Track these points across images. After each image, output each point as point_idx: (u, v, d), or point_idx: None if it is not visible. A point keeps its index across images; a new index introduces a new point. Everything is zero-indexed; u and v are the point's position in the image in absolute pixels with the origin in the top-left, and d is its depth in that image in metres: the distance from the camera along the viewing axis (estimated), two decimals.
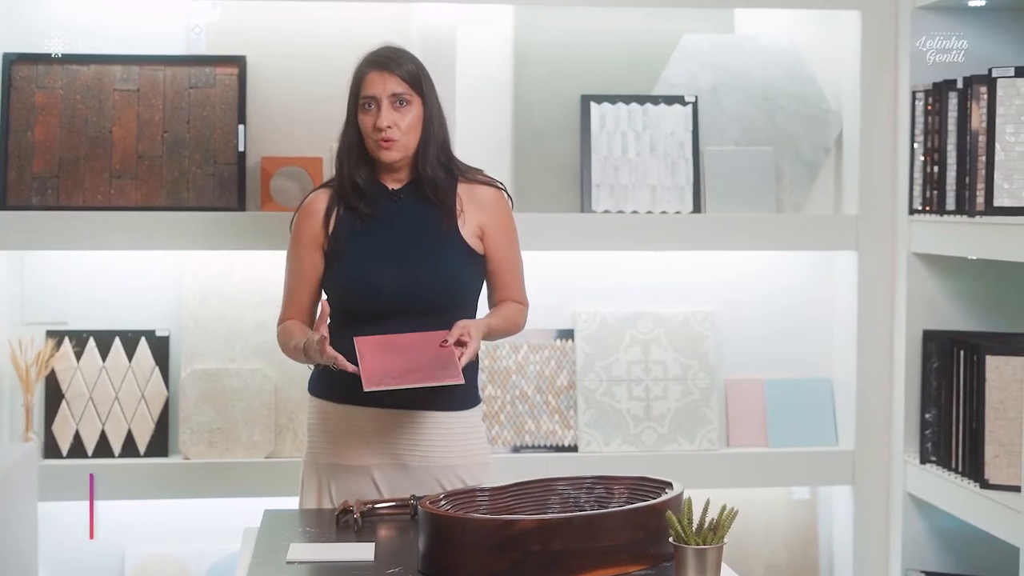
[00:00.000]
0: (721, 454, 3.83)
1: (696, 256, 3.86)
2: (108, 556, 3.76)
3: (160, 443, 3.69)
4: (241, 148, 3.64)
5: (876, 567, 3.81)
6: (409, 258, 2.82)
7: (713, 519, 2.21)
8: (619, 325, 3.85)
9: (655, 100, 3.81)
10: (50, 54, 3.61)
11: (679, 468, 3.75)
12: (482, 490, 2.55)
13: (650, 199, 3.79)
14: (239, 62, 3.67)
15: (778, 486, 3.90)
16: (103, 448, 3.66)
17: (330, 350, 2.67)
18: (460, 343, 2.72)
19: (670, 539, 2.21)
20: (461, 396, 2.86)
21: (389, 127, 2.80)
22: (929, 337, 3.67)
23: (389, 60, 2.84)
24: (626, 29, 3.84)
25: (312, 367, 2.91)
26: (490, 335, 2.88)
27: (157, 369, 3.69)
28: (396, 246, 2.83)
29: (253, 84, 3.69)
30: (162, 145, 3.63)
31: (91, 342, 3.68)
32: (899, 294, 3.75)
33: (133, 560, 3.74)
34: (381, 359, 2.68)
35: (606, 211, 3.77)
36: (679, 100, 3.82)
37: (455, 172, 2.91)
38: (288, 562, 2.44)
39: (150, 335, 3.70)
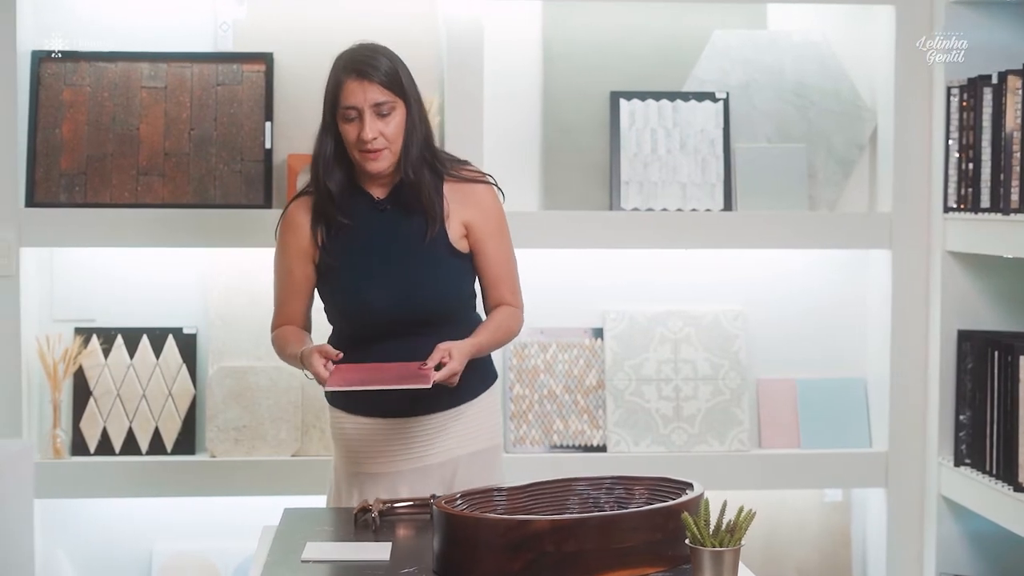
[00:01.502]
0: (752, 455, 3.78)
1: (727, 254, 3.82)
2: (135, 553, 3.77)
3: (187, 441, 3.68)
4: (268, 145, 3.63)
5: (909, 571, 3.75)
6: (400, 275, 2.74)
7: (730, 521, 2.17)
8: (649, 324, 3.81)
9: (686, 96, 3.77)
10: (78, 52, 3.61)
11: (709, 469, 3.71)
12: (499, 490, 2.52)
13: (680, 197, 3.75)
14: (266, 59, 3.66)
15: (810, 488, 3.85)
16: (130, 445, 3.66)
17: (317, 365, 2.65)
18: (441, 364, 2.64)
19: (686, 541, 2.17)
20: (473, 384, 2.82)
21: (375, 139, 2.69)
22: (964, 337, 3.61)
23: (367, 67, 2.69)
24: (656, 25, 3.79)
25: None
26: (480, 352, 2.76)
27: (184, 367, 3.69)
28: (386, 261, 2.75)
29: (280, 81, 3.68)
30: (189, 142, 3.63)
31: (119, 339, 3.68)
32: (933, 293, 3.69)
33: (160, 558, 3.74)
34: (354, 373, 2.66)
35: (635, 209, 3.73)
36: (710, 97, 3.77)
37: (440, 170, 2.80)
38: (303, 561, 2.43)
39: (177, 333, 3.70)
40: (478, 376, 2.85)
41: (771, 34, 3.83)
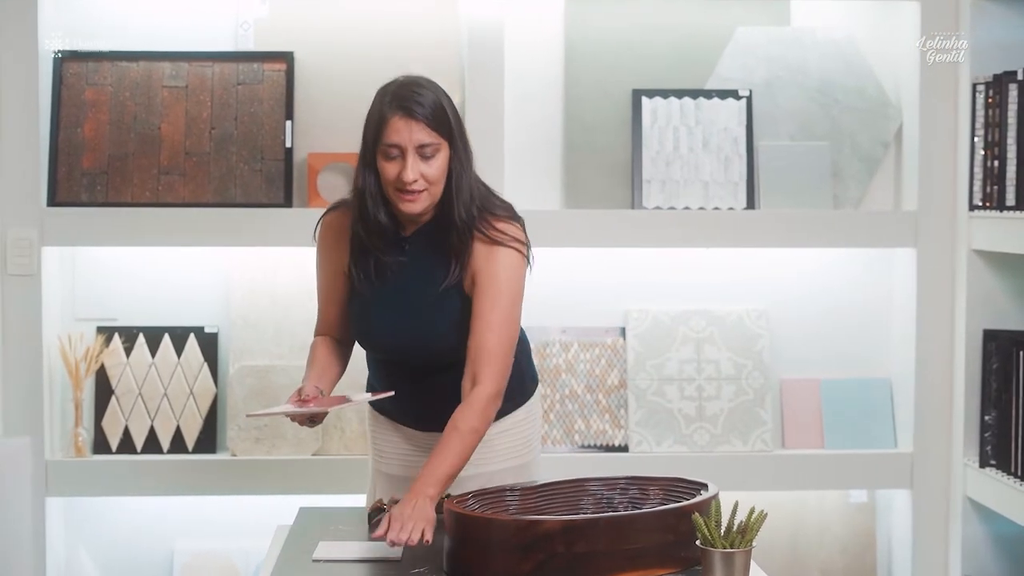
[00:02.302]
0: (775, 455, 3.75)
1: (750, 253, 3.79)
2: (157, 552, 3.77)
3: (208, 439, 3.69)
4: (288, 144, 3.63)
5: (935, 573, 3.70)
6: (411, 320, 2.64)
7: (742, 522, 2.15)
8: (671, 323, 3.78)
9: (708, 94, 3.74)
10: (100, 51, 3.62)
11: (732, 470, 3.68)
12: (512, 490, 2.51)
13: (703, 195, 3.72)
14: (287, 58, 3.66)
15: (834, 489, 3.81)
16: (152, 444, 3.67)
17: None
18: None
19: (697, 542, 2.15)
20: (506, 405, 2.71)
21: (415, 180, 2.55)
22: (989, 337, 3.56)
23: (414, 103, 2.55)
24: (679, 22, 3.77)
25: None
26: (450, 479, 2.50)
27: (206, 365, 3.69)
28: (399, 305, 2.65)
29: (301, 80, 3.68)
30: (210, 141, 3.63)
31: (140, 338, 3.69)
32: (959, 292, 3.65)
33: (181, 557, 3.75)
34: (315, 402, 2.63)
35: (657, 207, 3.71)
36: (733, 94, 3.74)
37: (473, 222, 2.60)
38: (315, 560, 2.42)
39: (199, 331, 3.70)
40: (511, 391, 2.73)
41: (795, 31, 3.80)
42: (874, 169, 3.81)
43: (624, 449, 3.75)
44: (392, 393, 2.69)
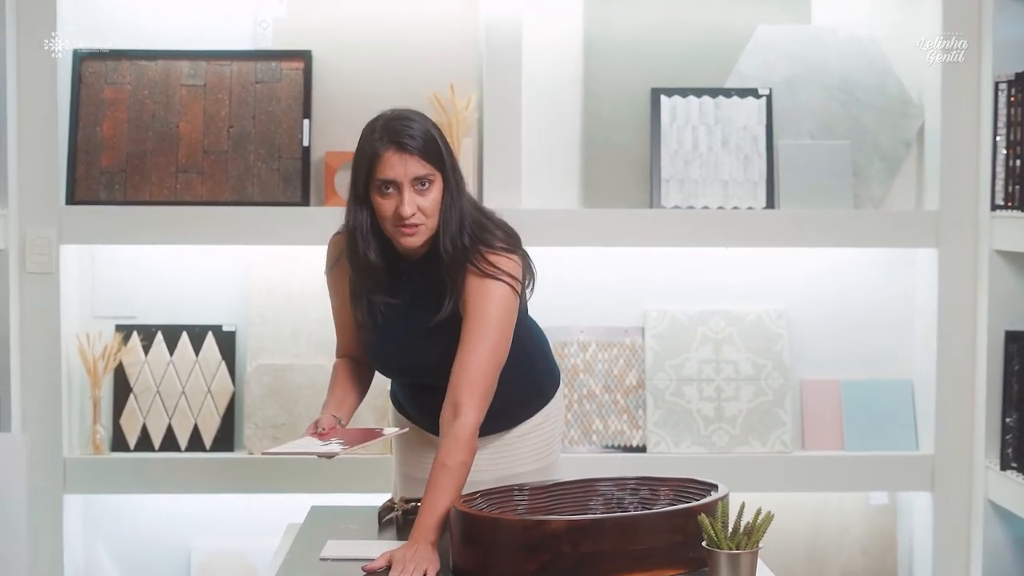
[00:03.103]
0: (795, 457, 3.72)
1: (770, 253, 3.76)
2: (174, 549, 3.78)
3: (226, 437, 3.69)
4: (306, 143, 3.63)
5: None
6: (411, 351, 2.64)
7: (748, 523, 2.13)
8: (690, 323, 3.76)
9: (728, 93, 3.71)
10: (119, 50, 3.63)
11: (750, 471, 3.66)
12: (521, 489, 2.50)
13: (722, 194, 3.70)
14: (305, 57, 3.65)
15: (853, 491, 3.78)
16: (169, 442, 3.68)
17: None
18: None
19: (703, 543, 2.13)
20: (524, 409, 2.74)
21: (413, 214, 2.52)
22: (1011, 338, 3.52)
23: (405, 136, 2.51)
24: (698, 20, 3.75)
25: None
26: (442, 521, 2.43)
27: (223, 364, 3.70)
28: (398, 337, 2.64)
29: (319, 79, 3.68)
30: (228, 140, 3.63)
31: (159, 336, 3.70)
32: (981, 293, 3.61)
33: (199, 555, 3.75)
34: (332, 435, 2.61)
35: (676, 207, 3.68)
36: (753, 93, 3.71)
37: (469, 254, 2.56)
38: (322, 559, 2.42)
39: (217, 330, 3.71)
40: (528, 397, 2.76)
41: (816, 29, 3.77)
42: (896, 168, 3.77)
43: (642, 450, 3.73)
44: (406, 430, 2.72)
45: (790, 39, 3.75)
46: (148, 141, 3.62)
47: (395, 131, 2.52)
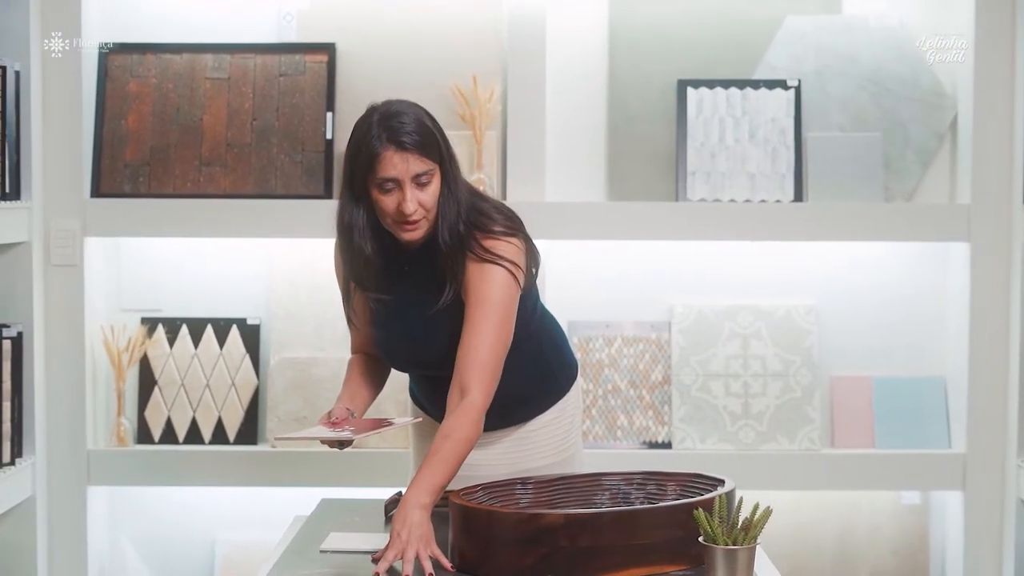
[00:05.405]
0: (823, 454, 3.66)
1: (798, 247, 3.70)
2: (199, 542, 3.79)
3: (249, 431, 3.69)
4: (329, 136, 3.62)
5: None
6: (416, 341, 2.62)
7: (746, 519, 2.08)
8: (717, 318, 3.71)
9: (755, 84, 3.66)
10: (144, 43, 3.65)
11: (778, 468, 3.61)
12: (524, 483, 2.47)
13: (749, 187, 3.65)
14: (329, 49, 3.65)
15: (884, 489, 3.71)
16: (194, 434, 3.69)
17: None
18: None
19: (700, 539, 2.09)
20: (538, 403, 2.72)
21: (415, 210, 2.50)
22: None
23: (403, 134, 2.48)
24: (726, 10, 3.70)
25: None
26: (444, 488, 2.41)
27: (247, 357, 3.70)
28: (402, 328, 2.63)
29: (342, 71, 3.66)
30: (251, 133, 3.63)
31: (184, 329, 3.70)
32: (1014, 288, 3.53)
33: (223, 547, 3.75)
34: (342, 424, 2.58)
35: (702, 200, 3.64)
36: (781, 84, 3.66)
37: (466, 241, 2.55)
38: (322, 551, 2.40)
39: (241, 323, 3.71)
40: (543, 390, 2.73)
41: (846, 19, 3.70)
42: (928, 161, 3.70)
43: (667, 446, 3.68)
44: (419, 419, 2.72)
45: (820, 29, 3.69)
46: (172, 134, 3.63)
47: (392, 129, 2.49)
